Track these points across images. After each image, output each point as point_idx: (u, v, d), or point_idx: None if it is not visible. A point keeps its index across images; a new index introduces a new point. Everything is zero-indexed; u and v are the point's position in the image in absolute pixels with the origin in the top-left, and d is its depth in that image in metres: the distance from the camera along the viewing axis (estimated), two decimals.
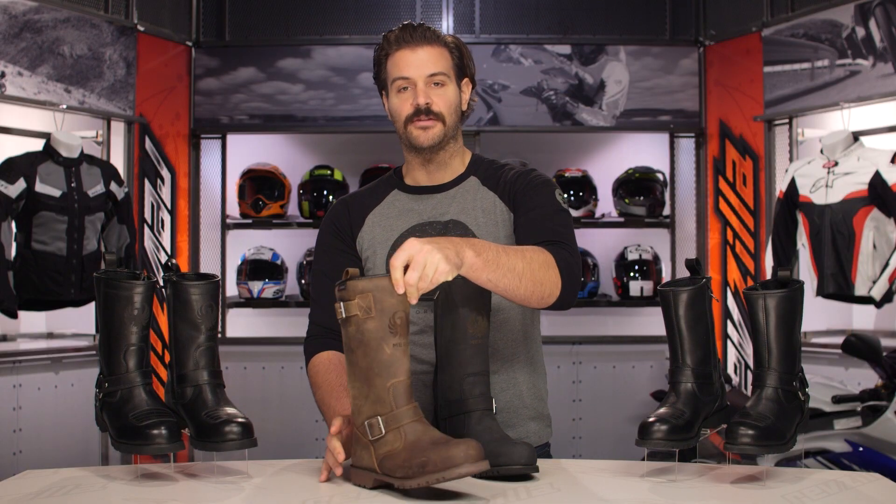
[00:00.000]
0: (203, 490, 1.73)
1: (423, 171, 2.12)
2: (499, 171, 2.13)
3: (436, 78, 2.04)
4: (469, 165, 2.14)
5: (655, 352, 5.34)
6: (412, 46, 2.03)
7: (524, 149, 5.53)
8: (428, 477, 1.57)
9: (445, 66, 2.05)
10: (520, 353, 2.10)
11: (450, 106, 2.06)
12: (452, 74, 2.06)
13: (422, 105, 2.02)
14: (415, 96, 2.03)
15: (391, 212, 2.12)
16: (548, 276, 1.84)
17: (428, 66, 2.03)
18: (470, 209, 2.08)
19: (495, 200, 2.08)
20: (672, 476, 1.79)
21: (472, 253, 1.71)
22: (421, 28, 2.05)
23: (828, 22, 4.65)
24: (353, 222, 2.14)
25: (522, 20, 5.47)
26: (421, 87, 2.03)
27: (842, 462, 3.47)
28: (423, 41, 2.03)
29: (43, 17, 4.48)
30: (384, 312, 1.66)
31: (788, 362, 1.77)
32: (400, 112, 2.06)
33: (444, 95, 2.05)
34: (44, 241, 4.28)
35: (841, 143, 4.36)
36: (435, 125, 2.04)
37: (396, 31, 2.06)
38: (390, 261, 1.64)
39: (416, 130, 2.04)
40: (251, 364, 5.34)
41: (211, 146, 5.47)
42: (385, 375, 1.66)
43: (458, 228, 2.06)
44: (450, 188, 2.11)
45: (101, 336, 1.83)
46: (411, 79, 2.03)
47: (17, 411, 4.42)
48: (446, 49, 2.06)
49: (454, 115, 2.07)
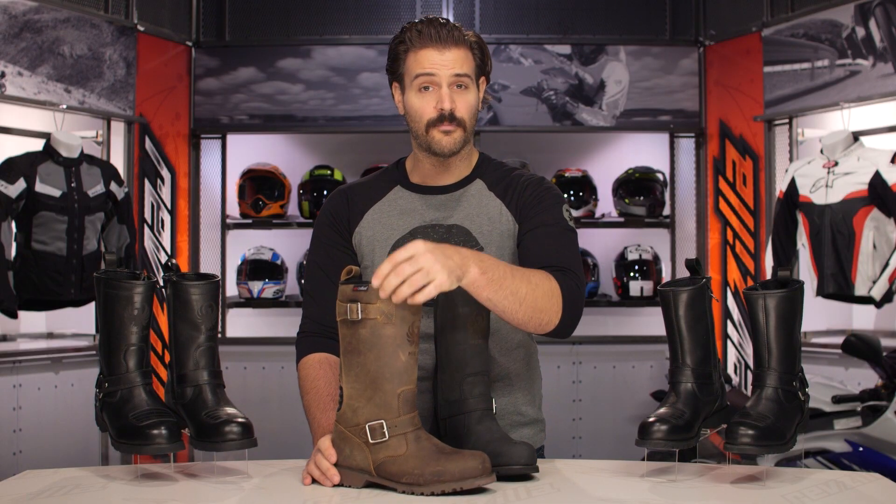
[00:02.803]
0: (203, 490, 1.73)
1: (431, 171, 2.08)
2: (507, 177, 2.09)
3: (460, 80, 1.99)
4: (476, 167, 2.11)
5: (655, 352, 5.34)
6: (439, 47, 1.98)
7: (524, 149, 5.52)
8: (444, 485, 1.60)
9: (469, 69, 2.01)
10: (514, 359, 2.08)
11: (470, 110, 2.02)
12: (474, 76, 2.03)
13: (447, 110, 1.98)
14: (439, 99, 1.98)
15: (393, 210, 2.08)
16: (549, 305, 1.82)
17: (454, 68, 1.98)
18: (475, 215, 2.04)
19: (501, 209, 2.05)
20: (672, 476, 1.79)
21: (477, 270, 1.70)
22: (448, 26, 2.00)
23: (828, 22, 4.65)
24: (351, 216, 2.09)
25: (522, 20, 5.47)
26: (445, 90, 1.98)
27: (842, 462, 3.47)
28: (451, 42, 1.98)
29: (43, 17, 4.48)
30: (405, 320, 1.67)
31: (788, 362, 1.77)
32: (422, 113, 2.00)
33: (467, 99, 2.00)
34: (44, 241, 4.28)
35: (841, 143, 4.36)
36: (457, 131, 2.00)
37: (421, 26, 2.00)
38: (391, 255, 1.63)
39: (439, 135, 1.99)
40: (251, 364, 5.34)
41: (211, 146, 5.47)
42: (396, 382, 1.67)
43: (461, 234, 2.02)
44: (455, 190, 2.07)
45: (101, 336, 1.83)
46: (436, 79, 1.98)
47: (17, 411, 4.42)
48: (470, 50, 2.02)
49: (473, 119, 2.03)
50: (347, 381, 1.71)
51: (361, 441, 1.69)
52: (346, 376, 1.71)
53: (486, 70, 2.07)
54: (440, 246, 1.66)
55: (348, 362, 1.71)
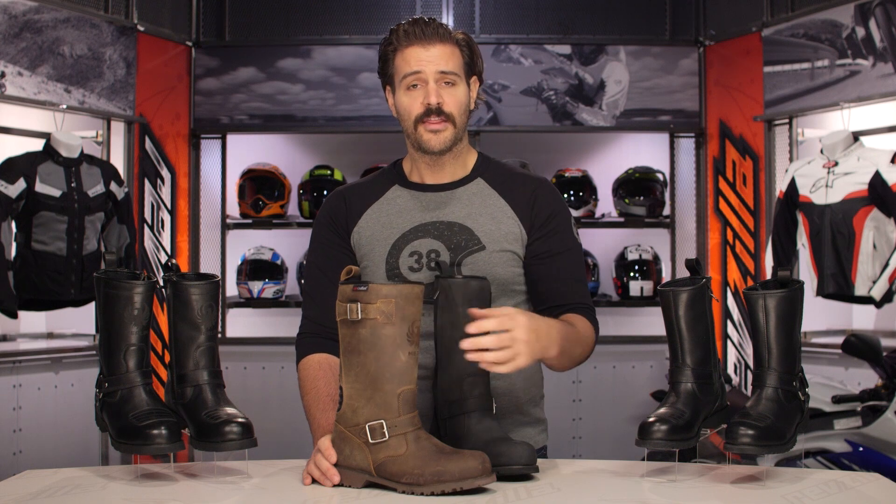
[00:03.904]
0: (203, 490, 1.73)
1: (427, 170, 2.08)
2: (511, 178, 2.09)
3: (447, 77, 1.99)
4: (476, 166, 2.10)
5: (655, 352, 5.34)
6: (424, 43, 1.98)
7: (524, 149, 5.52)
8: (444, 485, 1.61)
9: (456, 65, 2.00)
10: None
11: (460, 106, 2.01)
12: (463, 73, 2.02)
13: (433, 104, 1.97)
14: (426, 95, 1.98)
15: (392, 209, 2.08)
16: (582, 355, 1.97)
17: (440, 64, 1.98)
18: (476, 214, 2.04)
19: (506, 209, 2.04)
20: (672, 476, 1.79)
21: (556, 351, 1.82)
22: (433, 24, 2.00)
23: (828, 22, 4.65)
24: (349, 216, 2.09)
25: (522, 20, 5.47)
26: (432, 85, 1.98)
27: (842, 462, 3.47)
28: (436, 38, 1.99)
29: (43, 17, 4.48)
30: (405, 320, 1.67)
31: (788, 362, 1.77)
32: (409, 110, 2.00)
33: (455, 95, 2.00)
34: (44, 241, 4.28)
35: (841, 143, 4.36)
36: (446, 128, 2.00)
37: (406, 26, 2.00)
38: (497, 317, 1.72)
39: (427, 133, 2.00)
40: (251, 364, 5.34)
41: (211, 146, 5.47)
42: (396, 382, 1.68)
43: (462, 233, 2.02)
44: (455, 188, 2.07)
45: (101, 336, 1.83)
46: (422, 76, 1.98)
47: (17, 411, 4.42)
48: (457, 47, 2.02)
49: (464, 116, 2.03)
50: (347, 381, 1.71)
51: (361, 441, 1.69)
52: (346, 376, 1.71)
53: (477, 69, 2.07)
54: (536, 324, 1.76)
55: (348, 362, 1.71)
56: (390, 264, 2.03)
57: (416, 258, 2.02)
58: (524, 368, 2.06)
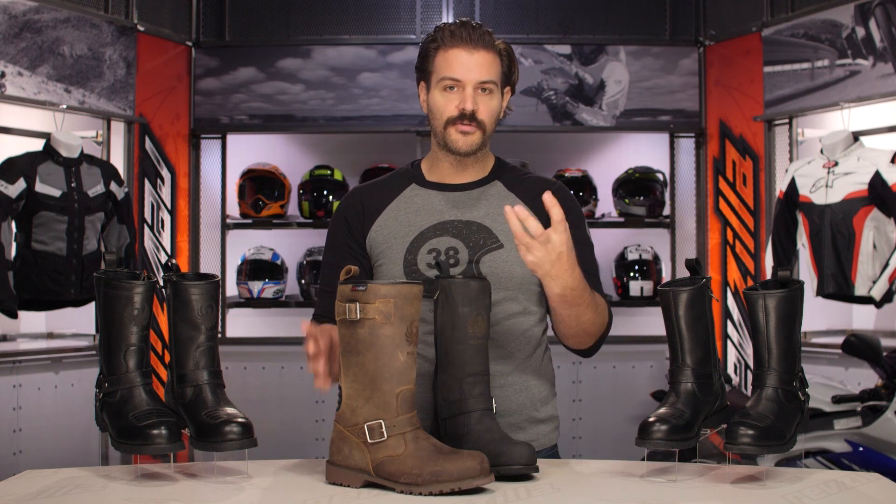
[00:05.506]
0: (203, 490, 1.73)
1: (450, 170, 2.12)
2: (527, 181, 2.14)
3: (485, 85, 2.04)
4: (493, 170, 2.16)
5: (655, 352, 5.34)
6: (469, 48, 2.02)
7: (524, 149, 5.52)
8: (442, 485, 1.61)
9: (496, 74, 2.05)
10: (533, 357, 2.11)
11: (492, 115, 2.06)
12: (499, 83, 2.07)
13: (468, 111, 2.02)
14: (462, 99, 2.03)
15: (409, 207, 2.11)
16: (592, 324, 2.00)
17: (481, 72, 2.03)
18: (496, 214, 2.07)
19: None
20: (672, 476, 1.79)
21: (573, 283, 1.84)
22: (480, 30, 2.04)
23: (828, 22, 4.65)
24: (365, 218, 2.12)
25: (522, 20, 5.46)
26: (469, 91, 2.03)
27: (842, 462, 3.47)
28: (481, 44, 2.03)
29: (43, 17, 4.48)
30: (403, 320, 1.67)
31: (788, 362, 1.77)
32: (443, 111, 2.05)
33: (489, 104, 2.05)
34: (44, 241, 4.28)
35: (841, 143, 4.36)
36: (475, 132, 2.05)
37: (453, 27, 2.05)
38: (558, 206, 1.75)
39: (456, 134, 2.05)
40: (251, 364, 5.34)
41: (211, 146, 5.47)
42: (395, 382, 1.68)
43: (481, 231, 2.06)
44: (473, 188, 2.11)
45: (101, 336, 1.83)
46: (462, 81, 2.03)
47: (17, 411, 4.42)
48: (498, 56, 2.06)
49: (494, 124, 2.08)
50: (346, 381, 1.71)
51: (360, 441, 1.69)
52: (345, 376, 1.71)
53: (512, 80, 2.12)
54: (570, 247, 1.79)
55: (347, 362, 1.71)
56: (408, 261, 2.05)
57: (434, 255, 2.03)
58: (539, 366, 2.10)
